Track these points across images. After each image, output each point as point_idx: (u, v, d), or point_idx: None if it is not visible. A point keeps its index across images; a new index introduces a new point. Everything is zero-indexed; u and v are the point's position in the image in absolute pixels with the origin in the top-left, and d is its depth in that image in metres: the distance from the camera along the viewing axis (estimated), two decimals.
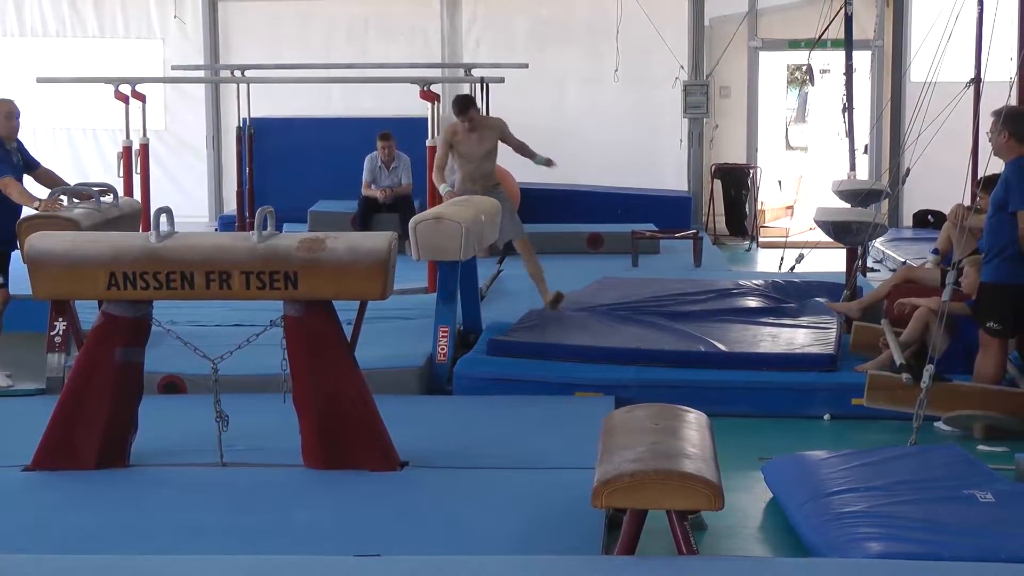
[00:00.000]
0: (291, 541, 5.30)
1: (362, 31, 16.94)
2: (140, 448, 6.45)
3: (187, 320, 9.18)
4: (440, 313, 8.39)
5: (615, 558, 4.82)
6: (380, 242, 6.21)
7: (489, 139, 9.91)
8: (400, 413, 6.88)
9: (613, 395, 7.67)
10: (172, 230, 6.28)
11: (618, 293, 10.01)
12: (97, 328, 6.38)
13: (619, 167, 16.55)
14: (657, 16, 16.17)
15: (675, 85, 16.37)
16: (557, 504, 5.67)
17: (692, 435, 5.21)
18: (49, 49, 17.12)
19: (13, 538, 5.35)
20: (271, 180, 14.90)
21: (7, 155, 8.52)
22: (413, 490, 6.00)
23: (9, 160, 8.50)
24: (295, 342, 6.27)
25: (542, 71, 15.73)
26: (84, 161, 16.94)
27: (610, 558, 4.90)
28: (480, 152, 9.84)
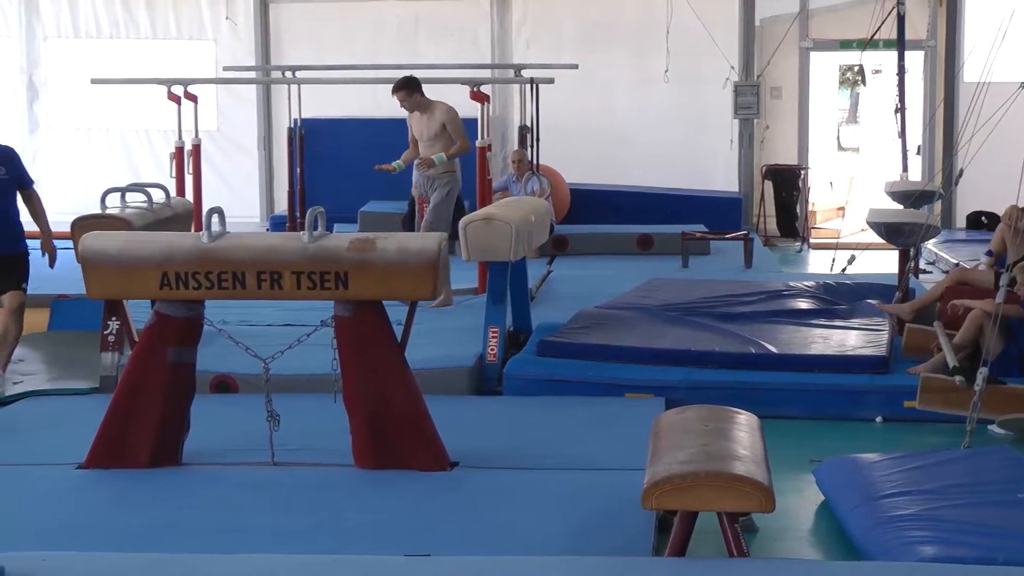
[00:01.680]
0: (341, 541, 5.31)
1: (412, 32, 16.98)
2: (192, 447, 6.49)
3: (238, 320, 9.22)
4: (490, 313, 8.40)
5: (665, 560, 4.80)
6: (430, 243, 6.21)
7: (434, 123, 10.44)
8: (450, 413, 6.89)
9: (663, 396, 7.65)
10: (224, 230, 6.31)
11: (668, 294, 9.98)
12: (150, 328, 6.42)
13: (669, 168, 16.51)
14: (707, 17, 16.12)
15: (725, 86, 16.32)
16: (607, 505, 5.66)
17: (743, 437, 5.19)
18: (103, 50, 17.26)
19: (66, 535, 5.39)
20: (322, 180, 14.94)
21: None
22: (463, 490, 6.00)
23: None
24: (345, 342, 6.29)
25: (592, 72, 15.71)
26: (137, 161, 17.06)
27: (660, 560, 4.88)
28: (426, 134, 10.46)
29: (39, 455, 6.63)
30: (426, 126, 10.47)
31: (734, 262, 12.96)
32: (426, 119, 10.46)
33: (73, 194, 16.32)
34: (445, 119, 10.44)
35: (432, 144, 10.46)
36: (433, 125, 10.44)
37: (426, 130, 10.47)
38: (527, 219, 8.71)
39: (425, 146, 10.50)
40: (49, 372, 8.63)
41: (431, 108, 10.50)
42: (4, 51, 17.52)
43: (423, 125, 10.49)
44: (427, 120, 10.46)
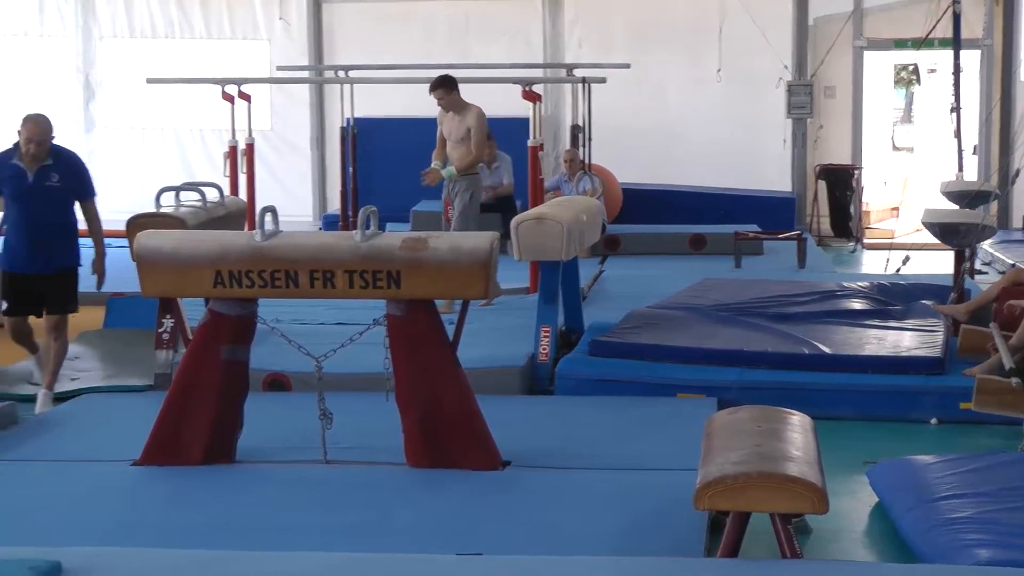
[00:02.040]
0: (393, 539, 5.32)
1: (463, 31, 17.00)
2: (245, 445, 6.52)
3: (291, 318, 9.26)
4: (542, 313, 8.39)
5: (717, 560, 4.79)
6: (482, 242, 6.22)
7: (463, 126, 10.38)
8: (502, 413, 6.89)
9: (716, 397, 7.62)
10: (277, 229, 6.33)
11: (720, 294, 9.95)
12: (203, 326, 6.46)
13: (721, 168, 16.45)
14: (760, 16, 16.05)
15: (779, 85, 16.24)
16: (659, 505, 5.65)
17: (796, 438, 5.16)
18: (158, 50, 17.38)
19: (121, 531, 5.42)
20: (374, 179, 14.99)
21: None
22: (515, 490, 6.00)
23: None
24: (398, 341, 6.30)
25: (644, 71, 15.68)
26: (191, 161, 17.17)
27: (712, 560, 4.87)
28: (455, 135, 10.40)
29: (94, 452, 6.68)
30: (455, 127, 10.43)
31: (787, 262, 12.90)
32: (456, 120, 10.42)
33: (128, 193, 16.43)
34: (473, 123, 10.35)
35: (458, 146, 10.42)
36: (462, 128, 10.39)
37: (455, 131, 10.43)
38: (579, 218, 8.70)
39: (452, 146, 10.46)
40: (104, 369, 8.70)
41: (463, 110, 10.44)
42: (61, 51, 17.68)
43: (452, 126, 10.45)
44: (457, 121, 10.41)
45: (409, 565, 4.70)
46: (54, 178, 7.62)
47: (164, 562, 4.67)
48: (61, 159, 7.70)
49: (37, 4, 17.66)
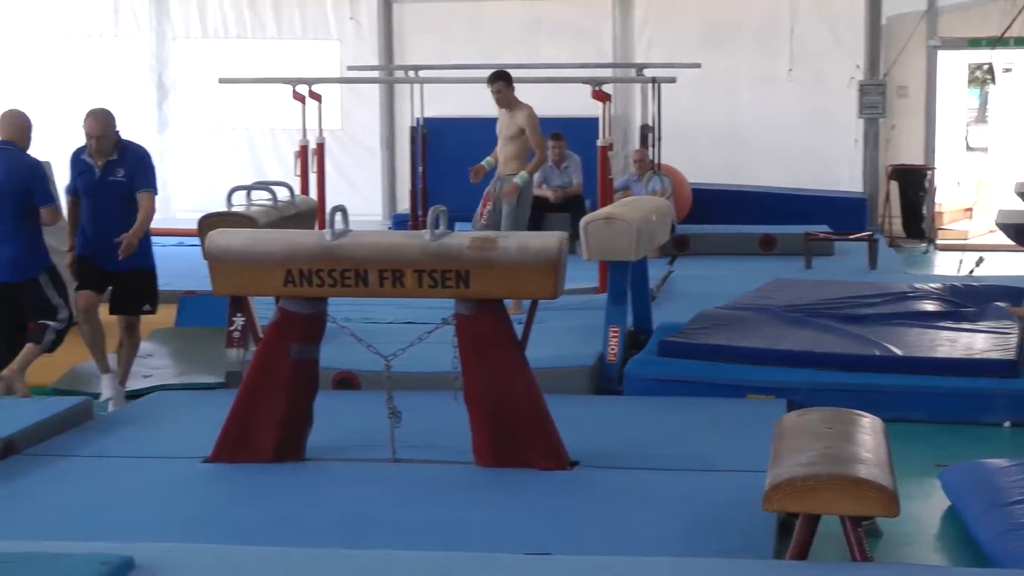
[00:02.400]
0: (461, 538, 5.33)
1: (534, 31, 17.00)
2: (315, 442, 6.56)
3: (361, 317, 9.30)
4: (611, 313, 8.38)
5: (787, 563, 4.75)
6: (550, 242, 6.22)
7: (514, 124, 10.27)
8: (570, 413, 6.88)
9: (785, 398, 7.58)
10: (347, 228, 6.36)
11: (791, 295, 9.88)
12: (274, 324, 6.50)
13: (792, 168, 16.36)
14: (832, 15, 15.95)
15: (850, 85, 16.13)
16: (727, 507, 5.62)
17: (867, 440, 5.12)
18: (230, 50, 17.52)
19: (192, 528, 5.47)
20: (443, 179, 15.02)
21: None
22: (583, 490, 6.00)
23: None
24: (466, 340, 6.31)
25: (714, 71, 15.61)
26: (262, 160, 17.29)
27: (782, 563, 4.83)
28: (505, 133, 10.32)
29: (166, 448, 6.74)
30: (506, 125, 10.35)
31: (858, 263, 12.80)
32: (508, 118, 10.34)
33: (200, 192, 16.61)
34: (525, 123, 10.25)
35: (508, 144, 10.34)
36: (513, 126, 10.30)
37: (506, 129, 10.35)
38: (648, 218, 8.68)
39: (502, 144, 10.39)
40: (176, 367, 8.78)
41: (516, 108, 10.36)
42: (135, 52, 17.87)
43: (504, 123, 10.39)
44: (509, 119, 10.33)
45: (477, 564, 4.71)
46: (119, 173, 7.61)
47: (234, 559, 4.71)
48: (127, 153, 7.69)
49: (112, 5, 17.86)
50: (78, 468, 6.41)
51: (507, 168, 10.35)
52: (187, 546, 4.86)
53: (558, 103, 15.63)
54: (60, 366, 8.48)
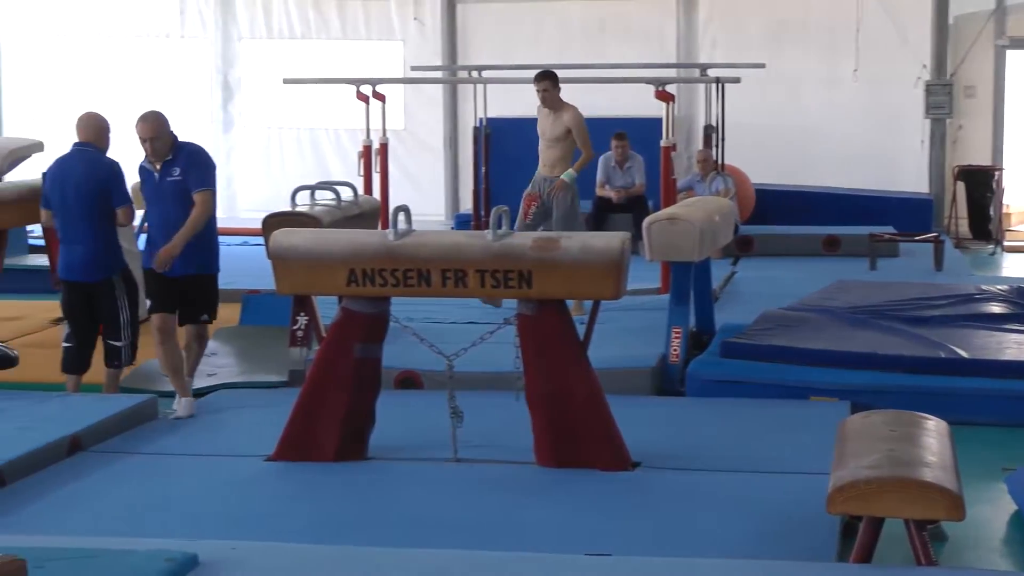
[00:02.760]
0: (522, 538, 5.33)
1: (597, 31, 16.98)
2: (377, 442, 6.58)
3: (423, 317, 9.33)
4: (673, 314, 8.35)
5: (850, 566, 4.72)
6: (613, 242, 6.20)
7: (560, 125, 10.15)
8: (632, 413, 6.87)
9: (849, 400, 7.52)
10: (409, 228, 6.38)
11: (855, 296, 9.81)
12: (337, 323, 6.53)
13: (856, 168, 16.24)
14: (899, 14, 15.82)
15: (917, 85, 15.99)
16: (790, 509, 5.60)
17: (931, 443, 5.07)
18: (294, 51, 17.62)
19: (255, 525, 5.51)
20: (506, 179, 15.01)
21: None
22: (644, 491, 5.98)
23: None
24: (528, 341, 6.31)
25: (779, 71, 15.53)
26: (326, 160, 17.37)
27: (845, 566, 4.81)
28: (549, 134, 10.19)
29: (229, 447, 6.79)
30: (550, 126, 10.21)
31: (924, 265, 12.68)
32: (552, 119, 10.20)
33: (264, 192, 16.72)
34: (572, 124, 10.16)
35: (553, 145, 10.20)
36: (559, 127, 10.17)
37: (550, 130, 10.22)
38: (711, 219, 8.65)
39: (545, 145, 10.25)
40: (240, 366, 8.83)
41: (561, 109, 10.23)
42: (200, 52, 18.01)
43: (547, 124, 10.24)
44: (553, 120, 10.19)
45: (538, 564, 4.71)
46: (175, 172, 7.44)
47: (297, 557, 4.73)
48: (182, 153, 7.50)
49: (178, 6, 18.01)
50: (143, 465, 6.47)
51: (554, 171, 10.23)
52: (250, 544, 4.90)
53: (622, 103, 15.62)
54: None
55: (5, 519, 5.60)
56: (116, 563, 4.42)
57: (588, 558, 4.80)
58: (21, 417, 6.95)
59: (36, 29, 18.32)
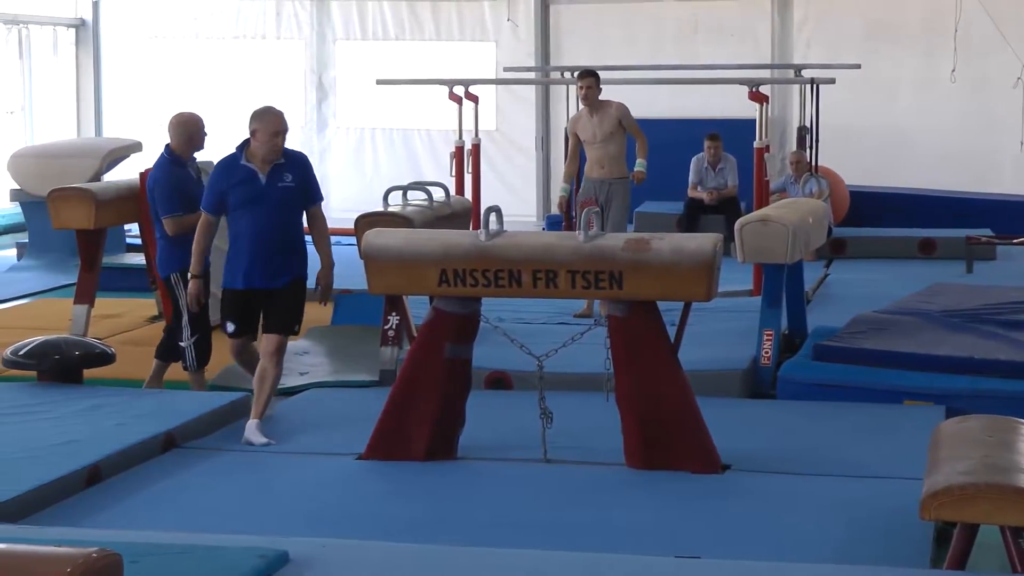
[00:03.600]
0: (611, 539, 5.32)
1: (691, 32, 16.93)
2: (467, 441, 6.60)
3: (513, 317, 9.34)
4: (765, 316, 8.30)
5: (944, 573, 4.66)
6: (705, 244, 6.17)
7: (609, 121, 10.04)
8: (722, 416, 6.84)
9: (944, 405, 7.42)
10: (501, 229, 6.39)
11: (950, 300, 9.68)
12: (428, 323, 6.55)
13: (953, 170, 16.05)
14: (999, 13, 15.60)
15: (1016, 85, 15.77)
16: (882, 514, 5.54)
17: None
18: (388, 52, 17.73)
19: (345, 523, 5.55)
20: None
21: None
22: (734, 494, 5.95)
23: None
24: (619, 342, 6.30)
25: (874, 72, 15.40)
26: (419, 160, 17.46)
27: (939, 572, 4.74)
28: (600, 134, 10.04)
29: (321, 445, 6.84)
30: (598, 126, 10.06)
31: (1021, 268, 12.51)
32: (597, 119, 10.06)
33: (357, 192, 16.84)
34: (622, 116, 10.07)
35: (607, 143, 10.05)
36: (608, 124, 10.05)
37: (599, 130, 10.06)
38: (804, 221, 8.58)
39: (599, 147, 10.07)
40: (331, 365, 8.89)
41: (605, 107, 10.12)
42: (296, 54, 18.17)
43: (594, 125, 10.07)
44: (599, 119, 10.05)
45: (627, 566, 4.70)
46: (287, 178, 6.95)
47: (387, 555, 4.76)
48: (291, 158, 7.06)
49: (274, 8, 18.20)
50: (235, 462, 6.54)
51: (614, 171, 10.08)
52: (340, 541, 4.93)
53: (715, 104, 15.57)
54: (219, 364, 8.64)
55: (101, 514, 5.68)
56: (208, 559, 4.47)
57: (678, 560, 4.79)
58: (117, 414, 7.05)
59: (136, 31, 18.60)
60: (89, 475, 6.09)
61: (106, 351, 7.87)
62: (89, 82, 18.70)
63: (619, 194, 10.08)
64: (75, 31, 18.71)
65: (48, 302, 11.54)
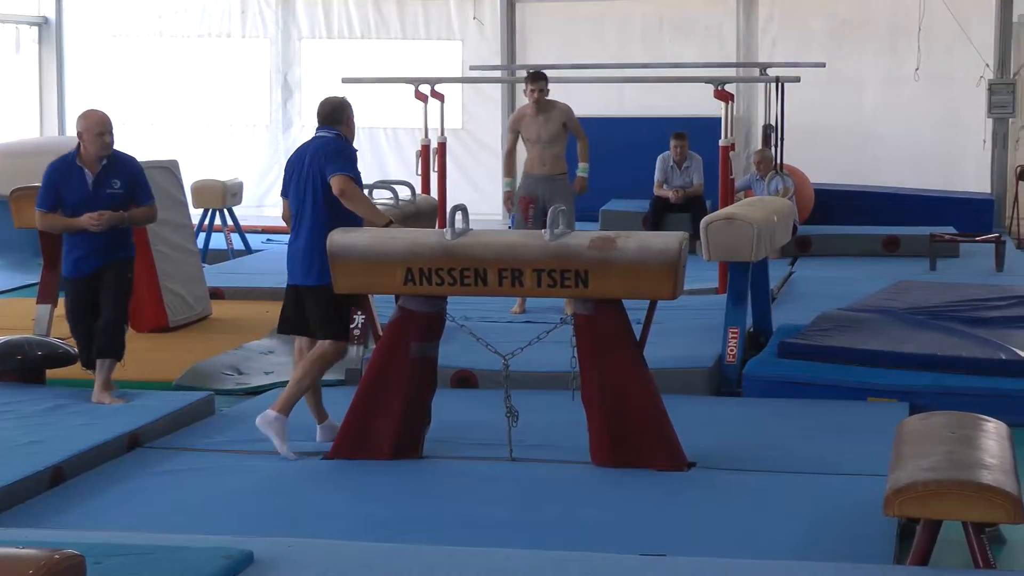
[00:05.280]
0: (577, 537, 5.33)
1: (656, 31, 16.96)
2: (433, 440, 6.60)
3: (479, 316, 9.33)
4: (730, 314, 8.33)
5: (907, 568, 4.69)
6: (671, 242, 6.19)
7: (554, 123, 10.10)
8: (688, 413, 6.86)
9: (907, 402, 7.47)
10: (467, 227, 6.39)
11: (914, 297, 9.74)
12: (393, 322, 6.55)
13: (917, 168, 16.15)
14: (962, 14, 15.70)
15: (979, 84, 15.85)
16: (847, 511, 5.56)
17: (991, 445, 5.03)
18: (354, 50, 17.69)
19: (311, 523, 5.53)
20: None
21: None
22: (700, 491, 5.96)
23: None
24: (584, 340, 6.30)
25: (839, 70, 15.46)
26: (385, 159, 17.43)
27: (902, 568, 4.76)
28: (545, 135, 10.09)
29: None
30: (543, 126, 10.11)
31: (984, 266, 12.58)
32: (543, 119, 10.11)
33: None
34: (568, 117, 10.16)
35: (551, 145, 10.13)
36: (554, 125, 10.12)
37: (544, 130, 10.12)
38: (770, 219, 8.61)
39: (542, 146, 10.13)
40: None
41: (552, 108, 10.20)
42: (261, 52, 18.12)
43: (540, 125, 10.12)
44: (545, 119, 10.11)
45: (593, 564, 4.70)
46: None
47: (353, 554, 4.75)
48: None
49: (239, 7, 18.14)
50: (200, 462, 6.51)
51: (555, 168, 10.15)
52: (306, 541, 4.91)
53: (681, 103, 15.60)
54: (183, 364, 8.62)
55: (64, 515, 5.66)
56: (173, 559, 4.45)
57: (643, 558, 4.79)
58: (80, 414, 7.02)
59: (100, 29, 18.51)
60: (52, 476, 6.06)
61: (69, 351, 7.82)
62: (52, 80, 18.59)
63: (561, 190, 10.10)
64: (38, 29, 18.61)
65: (10, 302, 11.48)
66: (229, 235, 14.24)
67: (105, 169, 7.33)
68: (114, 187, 7.33)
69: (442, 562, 4.68)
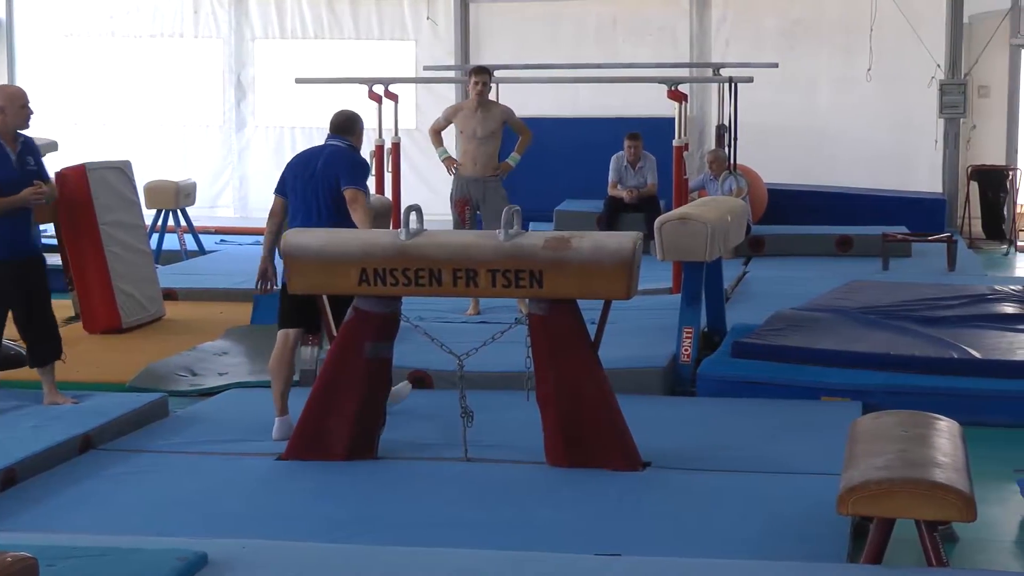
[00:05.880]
0: (532, 538, 5.33)
1: (610, 31, 16.99)
2: (388, 441, 6.58)
3: (434, 316, 9.33)
4: (684, 314, 8.35)
5: (861, 567, 4.71)
6: (625, 242, 6.20)
7: (493, 121, 10.16)
8: (643, 413, 6.87)
9: (860, 401, 7.51)
10: (421, 228, 6.38)
11: (867, 297, 9.80)
12: (348, 323, 6.53)
13: (870, 168, 16.25)
14: (913, 14, 15.80)
15: (931, 84, 15.97)
16: (801, 510, 5.59)
17: (943, 444, 5.06)
18: (307, 51, 17.65)
19: (265, 524, 5.51)
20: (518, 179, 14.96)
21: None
22: (655, 491, 5.98)
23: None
24: (539, 340, 6.31)
25: (792, 71, 15.53)
26: None
27: (856, 567, 4.80)
28: (481, 131, 10.15)
29: (241, 446, 6.79)
30: (481, 122, 10.16)
31: (937, 265, 12.67)
32: (482, 115, 10.16)
33: None
34: (507, 117, 10.23)
35: (486, 143, 10.19)
36: (491, 122, 10.17)
37: (481, 127, 10.17)
38: (723, 219, 8.64)
39: (477, 143, 10.19)
40: (251, 365, 8.83)
41: (493, 106, 10.28)
42: (214, 52, 18.04)
43: (477, 122, 10.17)
44: (483, 116, 10.16)
45: (549, 563, 4.71)
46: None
47: (308, 555, 4.74)
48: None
49: (192, 6, 18.05)
50: (154, 464, 6.48)
51: (488, 169, 10.20)
52: (260, 542, 4.90)
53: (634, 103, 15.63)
54: (136, 365, 8.58)
55: (16, 518, 5.61)
56: (126, 561, 4.42)
57: (598, 558, 4.80)
58: (33, 416, 6.97)
59: (51, 29, 18.38)
60: (4, 478, 6.02)
61: (21, 353, 7.76)
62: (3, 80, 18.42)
63: (495, 191, 10.16)
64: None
65: None
66: (182, 236, 14.16)
67: (22, 146, 7.29)
68: (30, 164, 7.31)
69: (397, 563, 4.68)
